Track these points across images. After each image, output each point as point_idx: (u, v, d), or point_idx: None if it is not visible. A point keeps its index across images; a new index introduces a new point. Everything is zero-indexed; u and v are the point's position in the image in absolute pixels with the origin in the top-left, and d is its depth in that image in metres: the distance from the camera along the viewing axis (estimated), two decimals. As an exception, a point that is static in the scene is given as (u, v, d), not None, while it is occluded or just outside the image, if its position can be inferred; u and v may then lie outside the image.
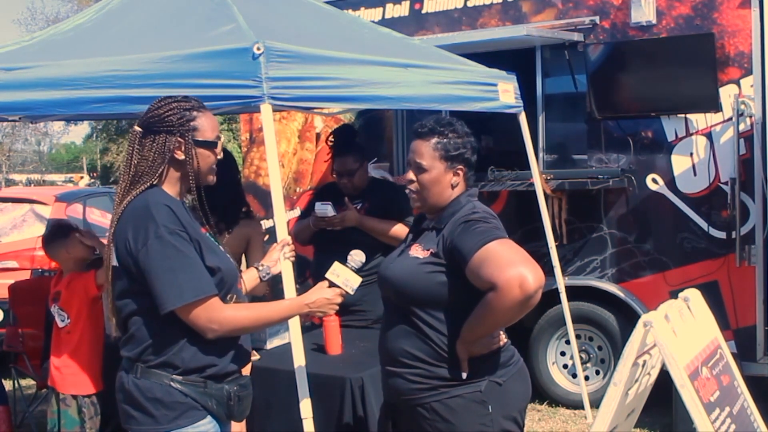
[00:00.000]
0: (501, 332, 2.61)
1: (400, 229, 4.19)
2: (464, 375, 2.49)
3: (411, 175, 2.64)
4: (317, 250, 4.38)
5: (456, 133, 2.61)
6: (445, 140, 2.60)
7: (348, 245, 3.10)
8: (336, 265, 2.59)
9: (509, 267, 2.30)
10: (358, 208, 4.23)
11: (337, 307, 2.57)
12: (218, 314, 2.32)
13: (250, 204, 6.68)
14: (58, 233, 3.81)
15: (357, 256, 2.69)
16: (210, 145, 2.44)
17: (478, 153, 2.68)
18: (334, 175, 4.33)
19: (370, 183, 4.40)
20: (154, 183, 2.38)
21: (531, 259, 2.35)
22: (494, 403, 2.51)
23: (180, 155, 2.39)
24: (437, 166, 2.60)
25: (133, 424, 2.38)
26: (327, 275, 2.57)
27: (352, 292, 2.59)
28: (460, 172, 2.62)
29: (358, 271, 2.64)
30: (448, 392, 2.50)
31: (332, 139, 4.33)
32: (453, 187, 2.62)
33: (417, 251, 2.58)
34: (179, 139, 2.38)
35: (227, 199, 3.86)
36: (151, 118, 2.40)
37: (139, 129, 2.40)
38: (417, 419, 2.54)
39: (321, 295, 2.53)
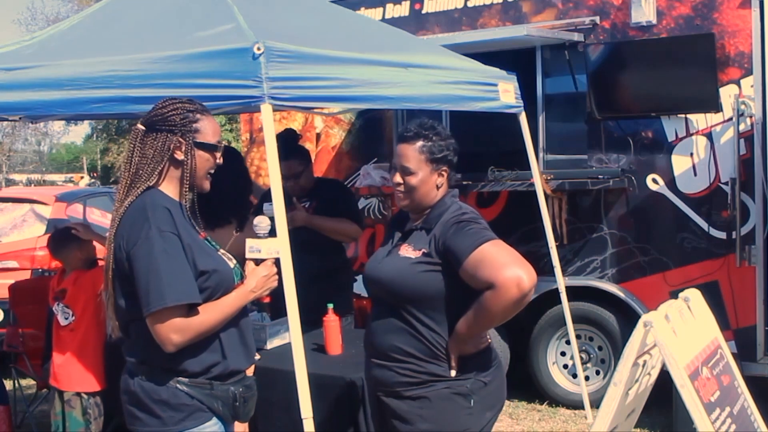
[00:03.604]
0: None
1: (347, 226, 4.35)
2: (453, 373, 2.59)
3: (398, 178, 2.72)
4: None
5: (439, 135, 2.72)
6: (430, 143, 2.70)
7: (299, 245, 3.09)
8: (250, 242, 2.55)
9: (506, 268, 2.43)
10: (306, 207, 4.32)
11: (277, 277, 2.56)
12: (180, 324, 2.27)
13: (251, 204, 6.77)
14: (69, 236, 3.81)
15: (262, 223, 2.62)
16: (210, 148, 2.45)
17: (475, 154, 2.72)
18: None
19: (317, 183, 4.52)
20: (153, 183, 2.38)
21: (523, 260, 2.48)
22: (477, 398, 2.61)
23: (180, 155, 2.40)
24: (423, 168, 2.70)
25: (139, 426, 2.38)
26: (247, 256, 2.54)
27: (279, 255, 2.57)
28: (444, 173, 2.73)
29: (272, 233, 2.60)
30: (435, 386, 2.59)
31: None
32: (438, 187, 2.72)
33: (408, 251, 2.66)
34: (180, 138, 2.40)
35: (236, 193, 3.82)
36: (154, 116, 2.42)
37: (142, 127, 2.42)
38: (401, 408, 2.62)
39: (257, 276, 2.50)
